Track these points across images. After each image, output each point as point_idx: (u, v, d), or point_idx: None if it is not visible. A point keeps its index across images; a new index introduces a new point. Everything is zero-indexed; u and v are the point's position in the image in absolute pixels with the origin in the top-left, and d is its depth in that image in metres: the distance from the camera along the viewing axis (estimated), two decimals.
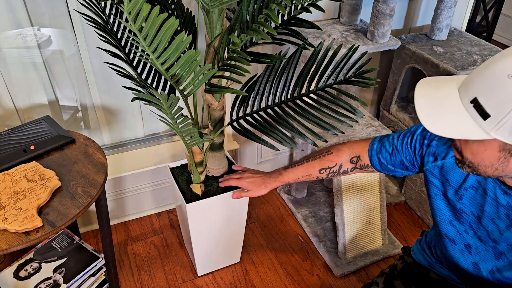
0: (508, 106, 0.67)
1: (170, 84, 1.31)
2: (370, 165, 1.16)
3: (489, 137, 0.70)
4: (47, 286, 1.41)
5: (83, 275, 1.45)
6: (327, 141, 1.29)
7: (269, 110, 1.32)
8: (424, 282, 1.15)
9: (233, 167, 1.50)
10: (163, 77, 1.33)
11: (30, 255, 1.50)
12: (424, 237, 1.21)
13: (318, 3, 1.14)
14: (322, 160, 1.22)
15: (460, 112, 0.73)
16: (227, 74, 1.40)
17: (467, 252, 0.99)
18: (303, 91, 1.29)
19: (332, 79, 1.27)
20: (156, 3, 1.28)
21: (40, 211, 1.06)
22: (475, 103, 0.71)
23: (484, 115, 0.70)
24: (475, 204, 0.93)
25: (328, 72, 1.27)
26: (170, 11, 1.31)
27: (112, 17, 1.28)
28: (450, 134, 0.73)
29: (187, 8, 1.36)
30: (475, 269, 0.98)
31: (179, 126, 1.15)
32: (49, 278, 1.43)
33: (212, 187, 1.47)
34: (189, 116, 1.36)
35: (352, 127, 1.58)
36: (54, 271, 1.45)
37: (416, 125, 1.06)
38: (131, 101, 1.12)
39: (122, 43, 1.27)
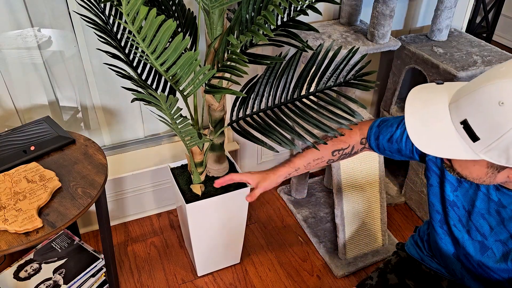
0: (499, 132, 0.68)
1: (170, 84, 1.31)
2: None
3: (478, 157, 0.73)
4: (47, 286, 1.41)
5: (83, 275, 1.45)
6: (327, 143, 1.28)
7: (268, 112, 1.32)
8: (417, 275, 1.17)
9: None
10: (163, 78, 1.33)
11: (30, 255, 1.50)
12: (417, 232, 1.23)
13: (316, 5, 1.14)
14: (335, 141, 1.22)
15: (450, 132, 0.75)
16: (227, 75, 1.40)
17: (456, 245, 1.01)
18: (303, 92, 1.29)
19: (332, 81, 1.27)
20: (156, 4, 1.28)
21: (40, 211, 1.07)
22: (465, 124, 0.72)
23: (474, 137, 0.72)
24: (467, 199, 0.95)
25: (327, 74, 1.27)
26: (171, 12, 1.31)
27: (111, 18, 1.28)
28: (441, 154, 0.76)
29: (189, 9, 1.36)
30: (465, 261, 1.01)
31: (179, 127, 1.15)
32: (49, 278, 1.43)
33: (212, 188, 1.47)
34: (189, 116, 1.36)
35: (351, 129, 1.57)
36: (54, 271, 1.45)
37: None
38: (131, 101, 1.12)
39: (122, 44, 1.27)
